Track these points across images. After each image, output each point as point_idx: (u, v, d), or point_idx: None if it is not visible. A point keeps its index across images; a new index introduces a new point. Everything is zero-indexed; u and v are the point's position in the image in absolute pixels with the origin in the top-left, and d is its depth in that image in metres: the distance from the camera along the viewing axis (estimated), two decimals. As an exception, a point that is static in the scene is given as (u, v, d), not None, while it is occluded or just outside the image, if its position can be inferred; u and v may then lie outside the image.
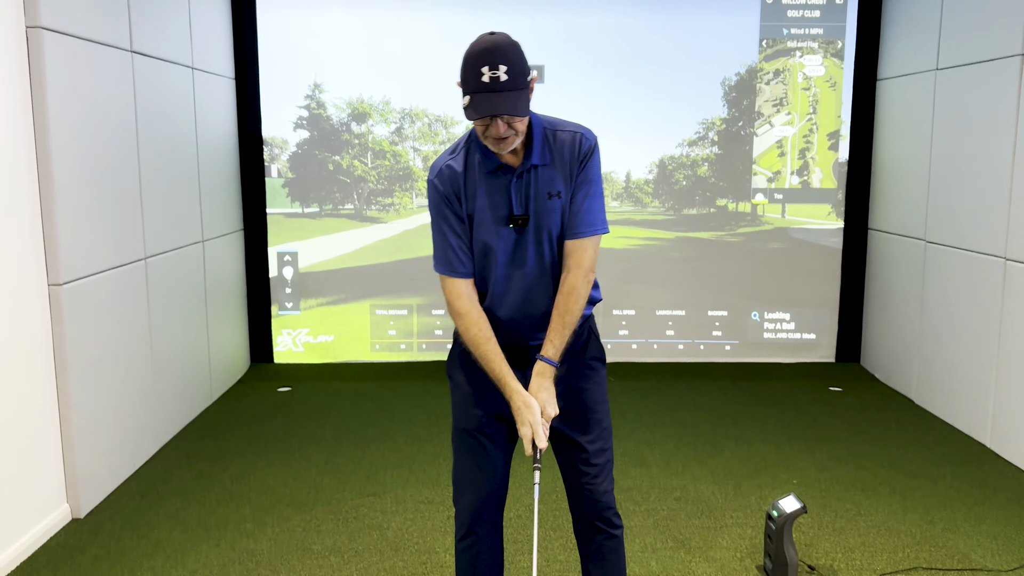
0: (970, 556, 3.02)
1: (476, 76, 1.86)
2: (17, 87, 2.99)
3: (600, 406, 2.18)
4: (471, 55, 1.90)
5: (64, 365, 3.21)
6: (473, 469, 2.16)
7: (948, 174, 4.45)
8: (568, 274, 2.05)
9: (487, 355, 2.03)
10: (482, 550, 2.19)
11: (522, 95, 1.88)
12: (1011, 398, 3.90)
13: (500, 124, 1.88)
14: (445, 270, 2.07)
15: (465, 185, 2.02)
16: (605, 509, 2.18)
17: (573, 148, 2.01)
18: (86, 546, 3.07)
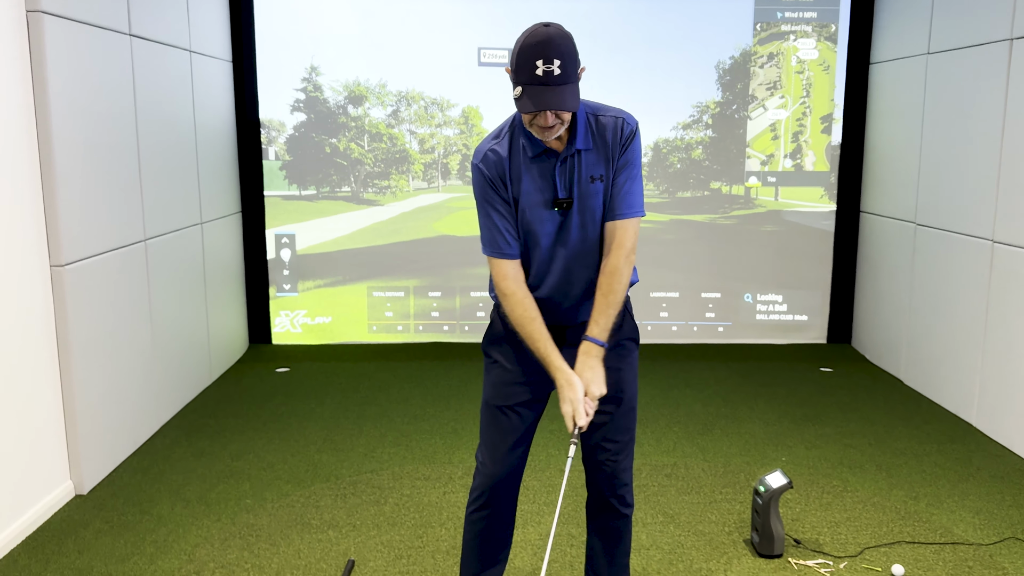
0: (952, 531, 3.10)
1: (530, 69, 1.87)
2: (18, 70, 3.03)
3: (630, 387, 2.22)
4: (526, 47, 1.89)
5: (67, 344, 3.27)
6: (500, 445, 2.21)
7: (938, 158, 4.50)
8: (610, 255, 2.09)
9: (532, 334, 2.08)
10: (494, 523, 2.26)
11: (573, 88, 1.91)
12: (996, 378, 3.97)
13: (549, 115, 1.91)
14: (493, 252, 2.10)
15: (510, 169, 2.06)
16: (621, 487, 2.25)
17: (615, 133, 2.05)
18: (89, 521, 3.15)
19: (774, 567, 2.83)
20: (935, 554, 2.93)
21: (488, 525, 2.26)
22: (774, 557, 2.87)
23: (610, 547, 2.31)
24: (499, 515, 2.27)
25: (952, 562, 2.87)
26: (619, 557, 2.32)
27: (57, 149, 3.18)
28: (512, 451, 2.22)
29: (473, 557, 2.31)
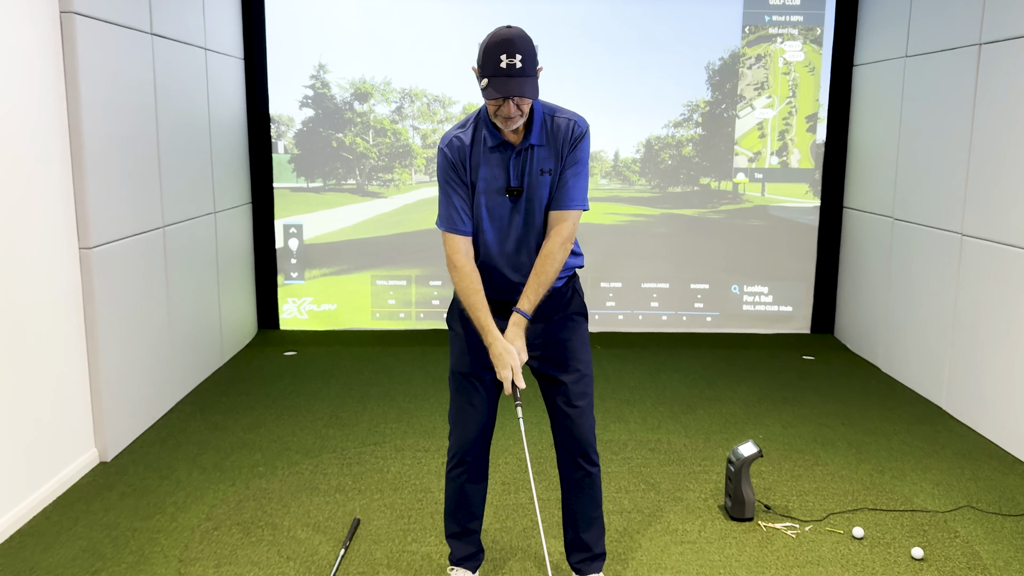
0: (912, 500, 3.35)
1: (495, 62, 2.13)
2: (52, 67, 3.28)
3: (580, 354, 2.47)
4: (491, 44, 2.15)
5: (93, 322, 3.52)
6: (467, 407, 2.47)
7: (913, 156, 4.75)
8: (548, 241, 2.34)
9: (474, 305, 2.33)
10: (471, 476, 2.51)
11: (532, 81, 2.16)
12: (963, 363, 4.22)
13: (511, 105, 2.16)
14: (447, 227, 2.35)
15: (471, 156, 2.31)
16: (585, 446, 2.49)
17: (567, 132, 2.30)
18: (114, 484, 3.40)
19: (744, 529, 3.08)
20: (894, 520, 3.17)
21: (467, 479, 2.52)
22: (745, 520, 3.13)
23: (582, 501, 2.54)
24: (474, 468, 2.52)
25: (909, 527, 3.12)
26: (591, 509, 2.55)
27: (87, 140, 3.43)
28: (478, 412, 2.47)
29: (456, 512, 2.56)
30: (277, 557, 2.84)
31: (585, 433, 2.48)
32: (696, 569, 2.80)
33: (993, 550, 2.96)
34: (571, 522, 2.57)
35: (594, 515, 2.55)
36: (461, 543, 2.57)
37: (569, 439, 2.49)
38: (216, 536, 2.98)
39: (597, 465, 2.54)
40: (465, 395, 2.47)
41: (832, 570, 2.80)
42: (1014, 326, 3.82)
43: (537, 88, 2.19)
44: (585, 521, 2.54)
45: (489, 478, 2.64)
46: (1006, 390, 3.87)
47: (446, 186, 2.35)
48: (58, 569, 2.76)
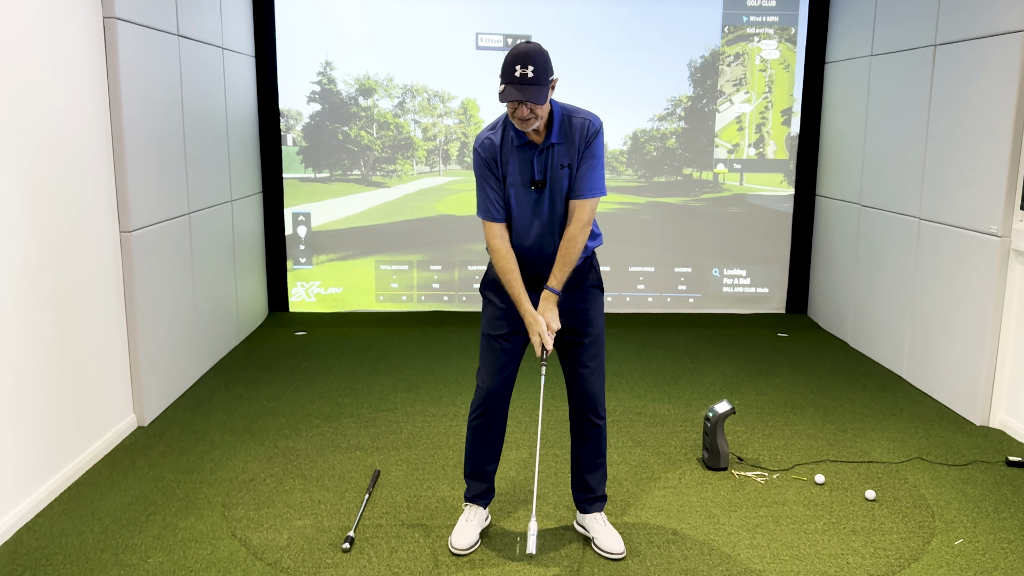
0: (870, 453, 3.77)
1: (511, 72, 2.50)
2: (96, 68, 3.63)
3: (596, 320, 2.85)
4: (510, 56, 2.52)
5: (132, 299, 3.88)
6: (493, 365, 2.83)
7: (877, 147, 5.16)
8: (570, 225, 2.70)
9: (511, 282, 2.70)
10: (491, 425, 2.89)
11: (543, 90, 2.51)
12: (921, 335, 4.64)
13: (524, 108, 2.53)
14: (486, 216, 2.75)
15: (500, 154, 2.69)
16: (595, 401, 2.86)
17: (582, 130, 2.67)
18: (153, 445, 3.77)
19: (719, 477, 3.48)
20: (852, 469, 3.59)
21: (488, 427, 2.90)
22: (720, 470, 3.53)
23: (589, 449, 2.93)
24: (493, 422, 2.90)
25: (865, 475, 3.54)
26: (597, 457, 2.94)
27: (127, 135, 3.78)
28: (502, 371, 2.84)
29: (474, 454, 2.95)
30: (309, 501, 3.22)
31: (595, 390, 2.85)
32: (676, 509, 3.20)
33: (937, 493, 3.37)
34: (578, 467, 2.95)
35: (599, 461, 2.93)
36: (476, 482, 2.96)
37: (582, 395, 2.86)
38: (253, 486, 3.36)
39: (604, 419, 2.91)
40: (492, 354, 2.84)
41: (795, 510, 3.21)
42: (964, 301, 4.24)
43: (545, 96, 2.53)
44: (591, 466, 2.92)
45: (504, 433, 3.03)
46: (957, 358, 4.29)
47: (482, 181, 2.72)
48: (116, 513, 3.13)
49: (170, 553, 2.85)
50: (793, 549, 2.92)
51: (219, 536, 2.96)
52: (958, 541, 2.99)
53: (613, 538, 2.87)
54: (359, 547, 2.90)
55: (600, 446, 2.94)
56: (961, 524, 3.12)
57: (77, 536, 2.95)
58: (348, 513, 3.14)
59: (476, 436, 2.93)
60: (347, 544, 2.88)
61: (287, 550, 2.87)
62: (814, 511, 3.20)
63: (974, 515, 3.19)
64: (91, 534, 2.97)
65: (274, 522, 3.06)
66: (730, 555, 2.87)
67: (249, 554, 2.84)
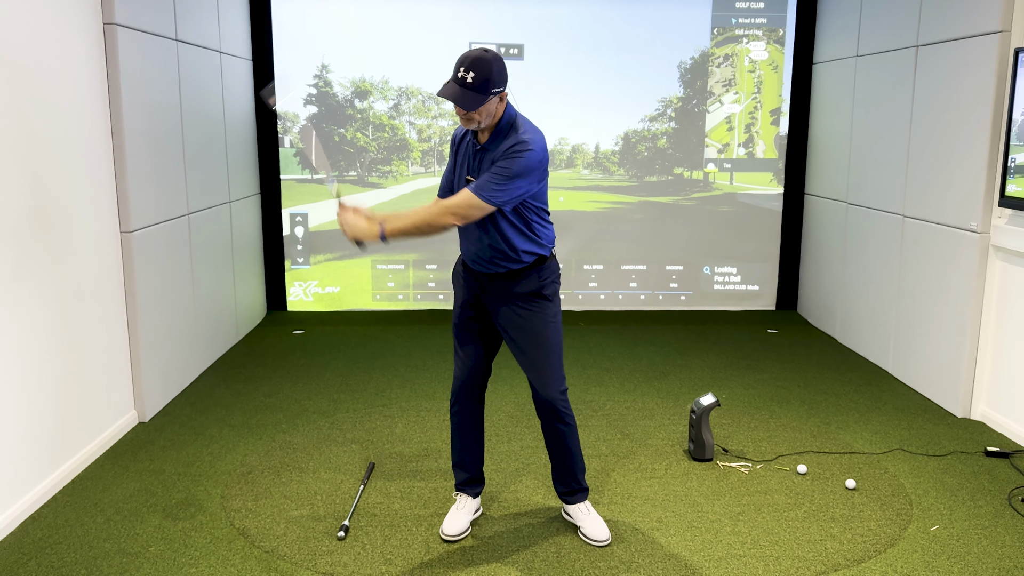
0: (852, 445, 3.87)
1: (455, 71, 2.62)
2: (97, 74, 3.73)
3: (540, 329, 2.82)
4: (460, 57, 2.63)
5: (133, 297, 3.98)
6: (461, 352, 2.98)
7: (863, 146, 5.26)
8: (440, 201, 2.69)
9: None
10: (465, 413, 3.01)
11: (476, 97, 2.57)
12: (906, 329, 4.74)
13: (458, 107, 2.63)
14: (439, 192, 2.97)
15: (460, 144, 2.86)
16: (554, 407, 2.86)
17: (509, 146, 2.66)
18: (154, 440, 3.87)
19: (704, 467, 3.58)
20: (835, 460, 3.69)
21: (461, 418, 3.02)
22: (705, 460, 3.63)
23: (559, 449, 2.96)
24: (467, 410, 3.01)
25: (847, 465, 3.63)
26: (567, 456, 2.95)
27: (127, 138, 3.88)
28: (469, 358, 2.96)
29: (457, 443, 3.06)
30: (306, 493, 3.32)
31: (553, 395, 2.85)
32: (662, 498, 3.30)
33: (916, 482, 3.47)
34: (553, 464, 3.03)
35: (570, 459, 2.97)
36: (461, 470, 3.07)
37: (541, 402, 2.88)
38: (251, 478, 3.46)
39: (568, 423, 2.91)
40: (458, 342, 2.99)
41: (777, 498, 3.31)
42: (946, 296, 4.34)
43: (477, 103, 2.57)
44: (563, 464, 2.99)
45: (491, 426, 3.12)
46: (939, 352, 4.39)
47: (448, 161, 2.94)
48: (118, 504, 3.22)
49: (171, 542, 2.94)
50: (773, 536, 3.01)
51: (218, 526, 3.06)
52: (934, 527, 3.09)
53: (598, 526, 2.97)
54: (354, 535, 2.99)
55: (568, 446, 2.96)
56: (938, 511, 3.21)
57: (80, 527, 3.05)
58: (343, 503, 3.23)
59: (454, 425, 3.06)
60: (342, 532, 2.98)
61: (284, 538, 2.97)
62: (795, 500, 3.30)
63: (951, 503, 3.28)
64: (94, 524, 3.07)
65: (271, 512, 3.16)
66: (712, 541, 2.97)
67: (247, 543, 2.94)
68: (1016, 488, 3.41)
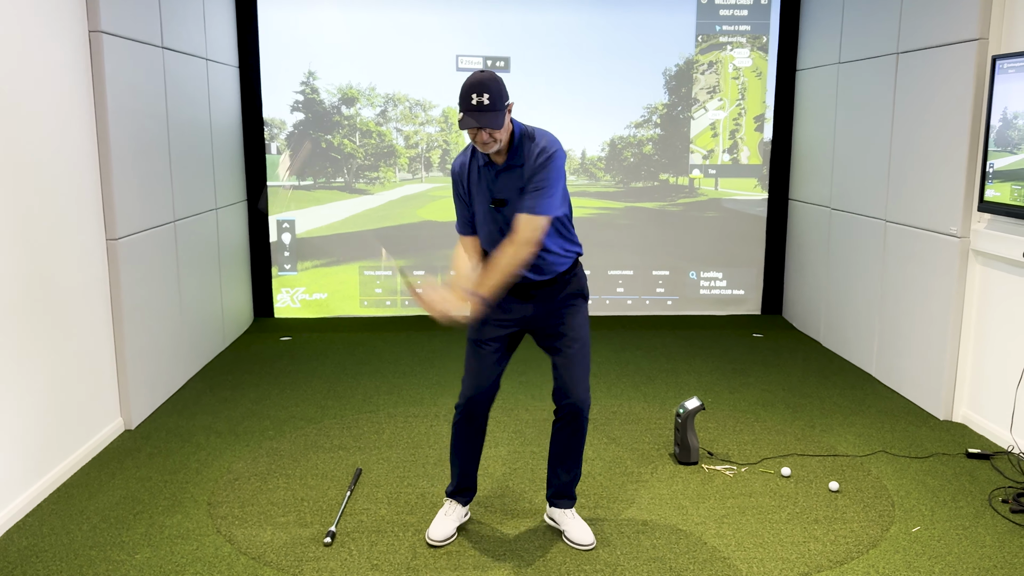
0: (836, 447, 3.90)
1: (468, 100, 2.61)
2: (82, 81, 3.73)
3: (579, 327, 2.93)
4: (466, 86, 2.62)
5: (119, 305, 3.98)
6: (477, 370, 2.92)
7: (846, 152, 5.32)
8: (505, 239, 2.74)
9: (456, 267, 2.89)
10: (473, 428, 2.99)
11: (498, 115, 2.62)
12: (889, 333, 4.79)
13: (483, 133, 2.64)
14: (458, 229, 2.96)
15: (468, 177, 2.84)
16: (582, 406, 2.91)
17: (537, 156, 2.72)
18: (141, 447, 3.86)
19: (690, 471, 3.61)
20: (818, 462, 3.72)
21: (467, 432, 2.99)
22: (691, 464, 3.66)
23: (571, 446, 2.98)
24: (475, 425, 2.98)
25: (831, 467, 3.67)
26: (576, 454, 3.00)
27: (113, 145, 3.88)
28: (485, 376, 2.93)
29: (458, 455, 3.04)
30: (292, 499, 3.33)
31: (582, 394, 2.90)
32: (646, 502, 3.32)
33: (898, 484, 3.51)
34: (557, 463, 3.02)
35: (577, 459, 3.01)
36: (459, 480, 3.07)
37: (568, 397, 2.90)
38: (237, 485, 3.46)
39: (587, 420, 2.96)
40: (477, 359, 2.93)
41: (761, 500, 3.34)
42: (927, 299, 4.39)
43: (501, 120, 2.62)
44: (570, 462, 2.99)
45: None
46: (922, 355, 4.44)
47: (455, 199, 2.92)
48: (104, 511, 3.22)
49: (157, 549, 2.94)
50: (757, 538, 3.04)
51: (204, 533, 3.06)
52: (915, 528, 3.13)
53: (583, 530, 2.99)
54: (340, 541, 3.00)
55: (582, 446, 3.01)
56: (920, 513, 3.25)
57: (66, 534, 3.05)
58: (330, 510, 3.24)
59: (459, 438, 3.03)
60: (328, 539, 2.99)
61: (270, 545, 2.97)
62: (779, 502, 3.33)
63: (932, 504, 3.32)
64: (80, 532, 3.06)
65: (258, 519, 3.16)
66: (696, 544, 3.00)
67: (234, 549, 2.94)
68: (996, 489, 3.45)
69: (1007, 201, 3.76)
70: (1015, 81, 3.69)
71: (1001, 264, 3.94)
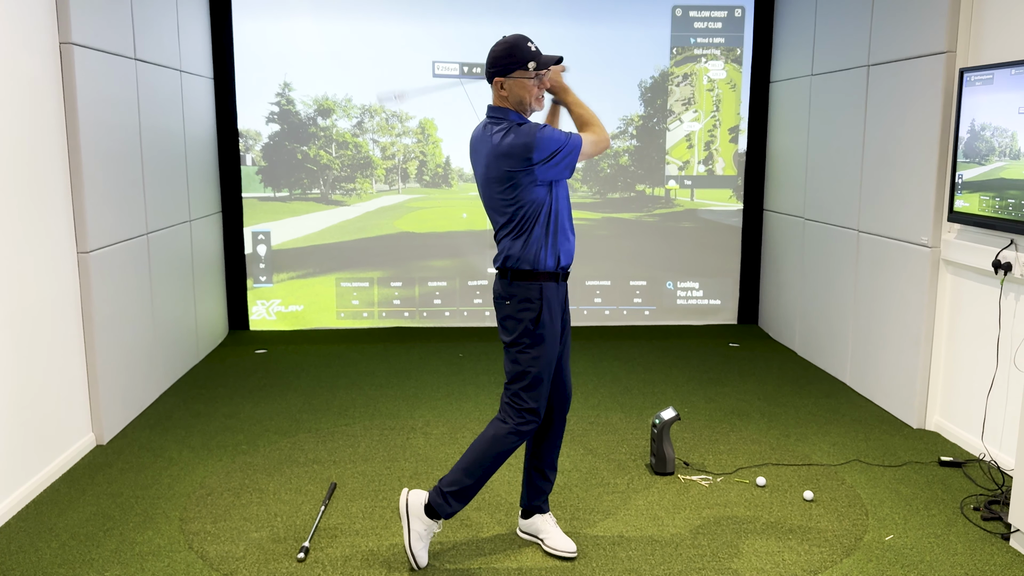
0: (811, 456, 3.93)
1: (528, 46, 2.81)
2: (53, 93, 3.69)
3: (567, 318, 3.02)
4: (520, 39, 2.83)
5: (90, 319, 3.93)
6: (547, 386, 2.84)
7: (818, 163, 5.37)
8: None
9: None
10: None
11: None
12: (863, 342, 4.84)
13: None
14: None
15: None
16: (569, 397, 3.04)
17: None
18: (112, 463, 3.81)
19: (666, 481, 3.61)
20: (793, 471, 3.74)
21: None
22: (667, 474, 3.66)
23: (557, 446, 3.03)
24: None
25: (805, 476, 3.69)
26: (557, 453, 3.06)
27: (84, 156, 3.84)
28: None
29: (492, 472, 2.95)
30: (266, 514, 3.29)
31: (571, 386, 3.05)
32: (622, 513, 3.32)
33: (872, 492, 3.53)
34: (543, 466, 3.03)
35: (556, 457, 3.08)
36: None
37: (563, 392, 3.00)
38: (210, 500, 3.42)
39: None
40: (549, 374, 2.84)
41: (737, 510, 3.35)
42: (900, 309, 4.43)
43: None
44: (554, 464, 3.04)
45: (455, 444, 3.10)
46: (895, 364, 4.49)
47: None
48: (73, 529, 3.17)
49: (127, 566, 2.90)
50: (732, 548, 3.05)
51: (176, 549, 3.02)
52: (888, 537, 3.15)
53: (564, 538, 2.99)
54: (314, 556, 2.97)
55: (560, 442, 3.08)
56: (893, 521, 3.27)
57: (34, 552, 3.00)
58: (304, 525, 3.21)
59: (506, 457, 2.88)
60: (302, 554, 2.96)
61: (243, 561, 2.94)
62: (754, 512, 3.34)
63: (905, 512, 3.35)
64: (48, 550, 3.01)
65: (231, 534, 3.13)
66: (672, 555, 3.00)
67: (206, 565, 2.91)
68: (968, 497, 3.49)
69: (976, 211, 3.81)
70: (982, 93, 3.75)
71: (971, 274, 3.99)
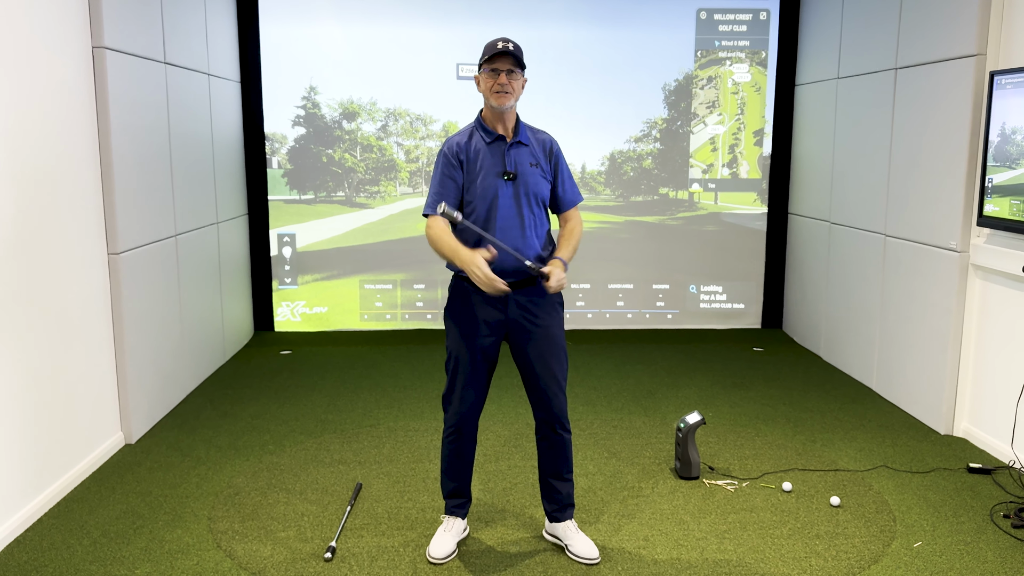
0: (837, 462, 3.90)
1: (493, 46, 2.80)
2: (85, 96, 3.75)
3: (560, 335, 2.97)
4: (492, 40, 2.83)
5: (120, 319, 3.98)
6: (464, 390, 2.93)
7: (845, 166, 5.34)
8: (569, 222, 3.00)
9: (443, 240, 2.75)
10: (464, 444, 3.00)
11: (520, 63, 2.80)
12: (889, 347, 4.79)
13: (503, 76, 2.78)
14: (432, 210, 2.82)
15: (469, 152, 2.86)
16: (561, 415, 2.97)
17: (549, 146, 2.96)
18: (141, 462, 3.86)
19: (691, 486, 3.60)
20: (819, 477, 3.72)
21: (459, 449, 3.01)
22: (692, 479, 3.65)
23: (558, 461, 3.00)
24: (466, 441, 3.00)
25: (832, 482, 3.66)
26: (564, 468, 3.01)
27: (115, 159, 3.90)
28: (478, 392, 2.94)
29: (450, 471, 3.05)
30: (293, 514, 3.32)
31: (561, 403, 2.95)
32: (648, 517, 3.32)
33: (900, 499, 3.50)
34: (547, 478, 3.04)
35: (567, 473, 3.03)
36: (455, 496, 3.07)
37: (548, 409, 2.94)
38: (238, 499, 3.46)
39: (569, 431, 3.00)
40: (467, 378, 2.93)
41: (763, 516, 3.33)
42: (927, 314, 4.39)
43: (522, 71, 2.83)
44: (559, 477, 3.01)
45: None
46: (922, 369, 4.44)
47: (443, 176, 2.85)
48: (104, 526, 3.21)
49: (157, 564, 2.94)
50: (758, 553, 3.03)
51: (205, 548, 3.05)
52: (917, 544, 3.12)
53: (587, 544, 2.98)
54: (341, 557, 2.99)
55: (567, 457, 3.03)
56: (921, 528, 3.24)
57: (67, 549, 3.04)
58: (330, 525, 3.23)
59: (451, 455, 3.04)
60: (329, 554, 2.98)
61: (270, 560, 2.96)
62: (780, 517, 3.32)
63: (934, 519, 3.31)
64: (80, 547, 3.05)
65: (258, 534, 3.15)
66: (698, 560, 2.99)
67: (234, 564, 2.93)
68: (998, 504, 3.45)
69: (1006, 216, 3.77)
70: (1013, 97, 3.72)
71: (1001, 279, 3.95)
